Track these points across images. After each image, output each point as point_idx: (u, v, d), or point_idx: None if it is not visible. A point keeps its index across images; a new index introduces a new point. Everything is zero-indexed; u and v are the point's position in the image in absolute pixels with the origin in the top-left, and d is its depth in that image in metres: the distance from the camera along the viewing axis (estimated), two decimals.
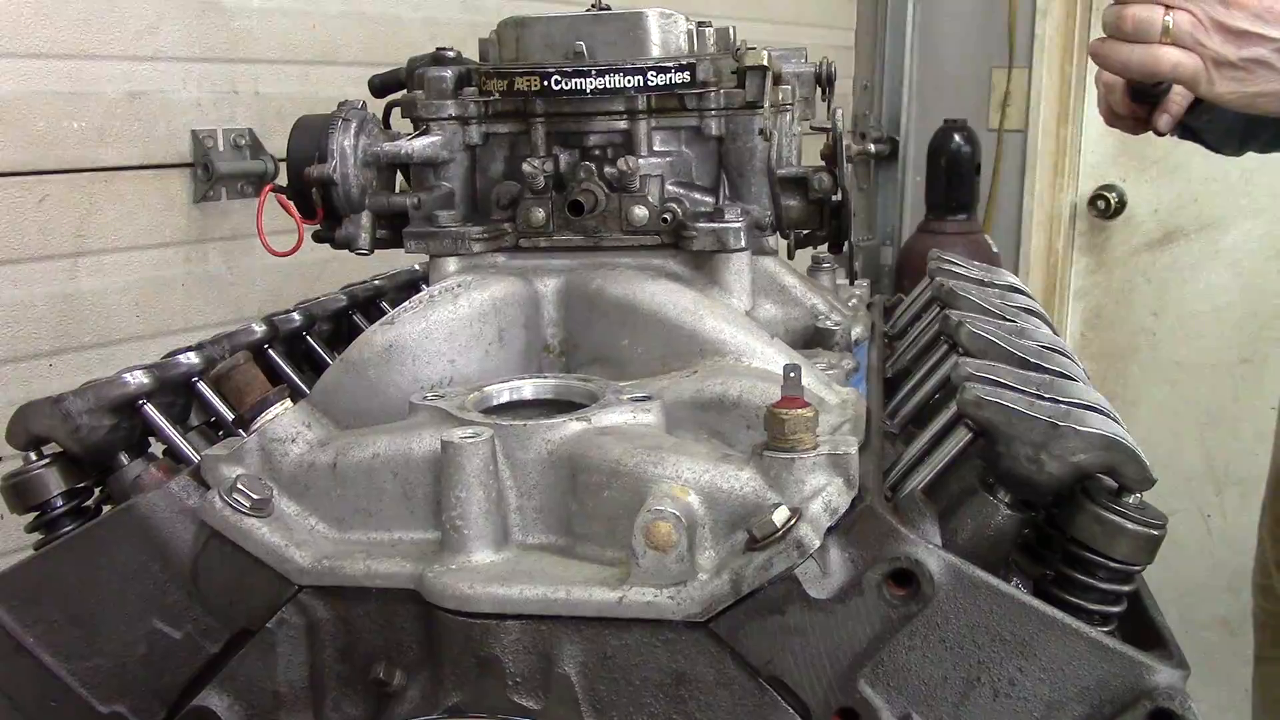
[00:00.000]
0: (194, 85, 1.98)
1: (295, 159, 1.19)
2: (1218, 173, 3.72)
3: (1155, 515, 0.84)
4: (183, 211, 2.00)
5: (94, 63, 1.83)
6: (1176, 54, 1.25)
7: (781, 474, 0.82)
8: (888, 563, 0.79)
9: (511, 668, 0.85)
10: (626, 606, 0.81)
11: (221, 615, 0.92)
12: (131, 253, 1.92)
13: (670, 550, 0.80)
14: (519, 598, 0.83)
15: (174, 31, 1.94)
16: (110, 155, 1.87)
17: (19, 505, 1.04)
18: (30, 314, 1.78)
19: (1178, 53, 1.25)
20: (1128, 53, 1.27)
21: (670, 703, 0.83)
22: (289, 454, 0.94)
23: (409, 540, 0.92)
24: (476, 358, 1.08)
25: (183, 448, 1.06)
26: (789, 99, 1.22)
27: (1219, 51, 1.24)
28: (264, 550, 0.90)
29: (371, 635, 0.90)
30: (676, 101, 1.16)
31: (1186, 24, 1.24)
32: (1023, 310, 1.16)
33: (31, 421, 1.03)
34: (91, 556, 0.94)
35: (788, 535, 0.79)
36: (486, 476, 0.87)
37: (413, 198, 1.19)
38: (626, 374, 1.08)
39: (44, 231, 1.78)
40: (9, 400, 1.68)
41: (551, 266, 1.17)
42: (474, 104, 1.19)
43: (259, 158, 2.06)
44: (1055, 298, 3.98)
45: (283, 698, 0.92)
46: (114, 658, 0.94)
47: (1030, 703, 0.79)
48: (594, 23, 1.17)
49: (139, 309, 1.94)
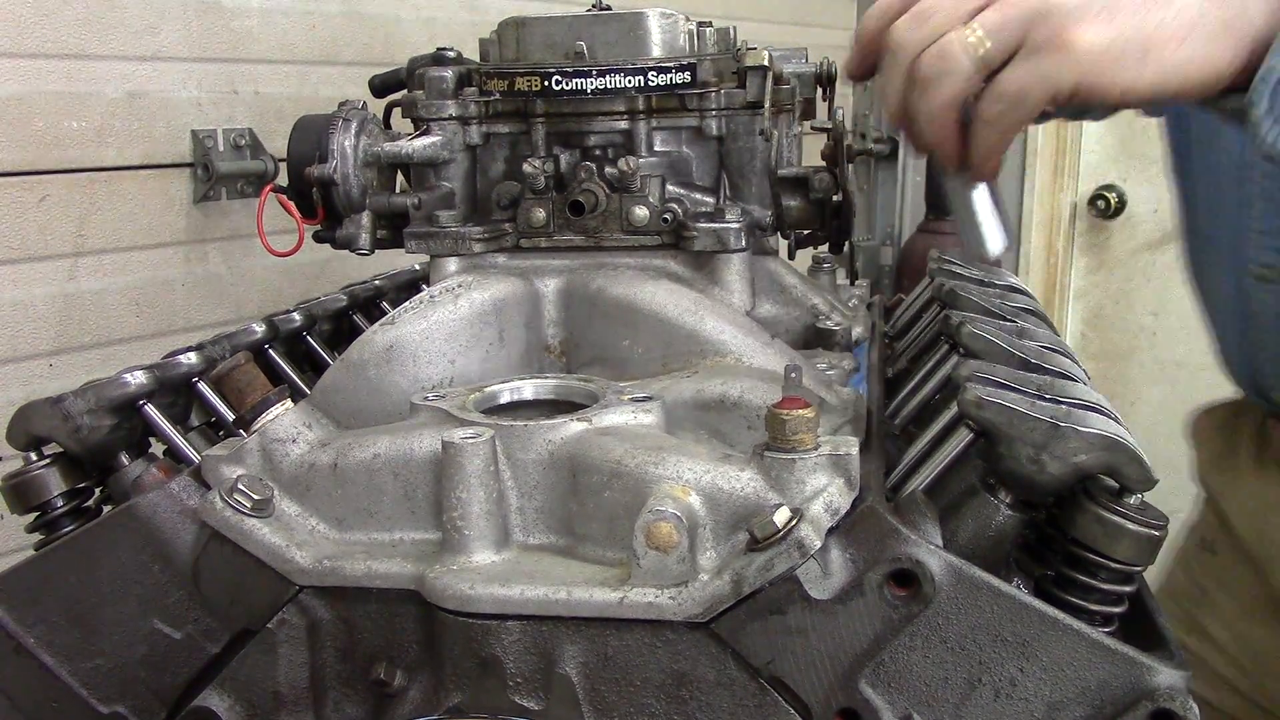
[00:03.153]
0: (194, 85, 1.98)
1: (295, 159, 1.19)
2: None
3: (1156, 516, 0.84)
4: (183, 211, 2.00)
5: (94, 63, 1.83)
6: (1015, 80, 0.82)
7: (782, 474, 0.82)
8: (889, 563, 0.79)
9: (512, 668, 0.85)
10: (627, 607, 0.81)
11: (222, 616, 0.92)
12: (131, 253, 1.92)
13: (671, 551, 0.80)
14: (520, 598, 0.83)
15: (174, 31, 1.94)
16: (110, 155, 1.87)
17: (19, 505, 1.04)
18: (30, 314, 1.78)
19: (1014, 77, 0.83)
20: (930, 131, 0.86)
21: (671, 703, 0.83)
22: (289, 454, 0.94)
23: (410, 540, 0.92)
24: (477, 358, 1.08)
25: (183, 448, 1.06)
26: (789, 99, 1.22)
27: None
28: (265, 551, 0.90)
29: (372, 636, 0.90)
30: (677, 101, 1.16)
31: (994, 20, 0.82)
32: (1023, 310, 1.16)
33: (32, 422, 1.03)
34: (92, 557, 0.93)
35: (789, 536, 0.79)
36: (487, 477, 0.87)
37: (413, 198, 1.19)
38: (627, 374, 1.08)
39: (44, 231, 1.78)
40: (9, 400, 1.68)
41: (552, 267, 1.17)
42: (474, 104, 1.19)
43: (259, 158, 2.06)
44: (1055, 298, 3.98)
45: (283, 698, 0.92)
46: (114, 658, 0.94)
47: (1031, 703, 0.79)
48: (594, 23, 1.17)
49: (139, 309, 1.94)
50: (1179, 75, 0.81)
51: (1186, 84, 0.82)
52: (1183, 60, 0.80)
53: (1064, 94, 0.82)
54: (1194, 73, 0.81)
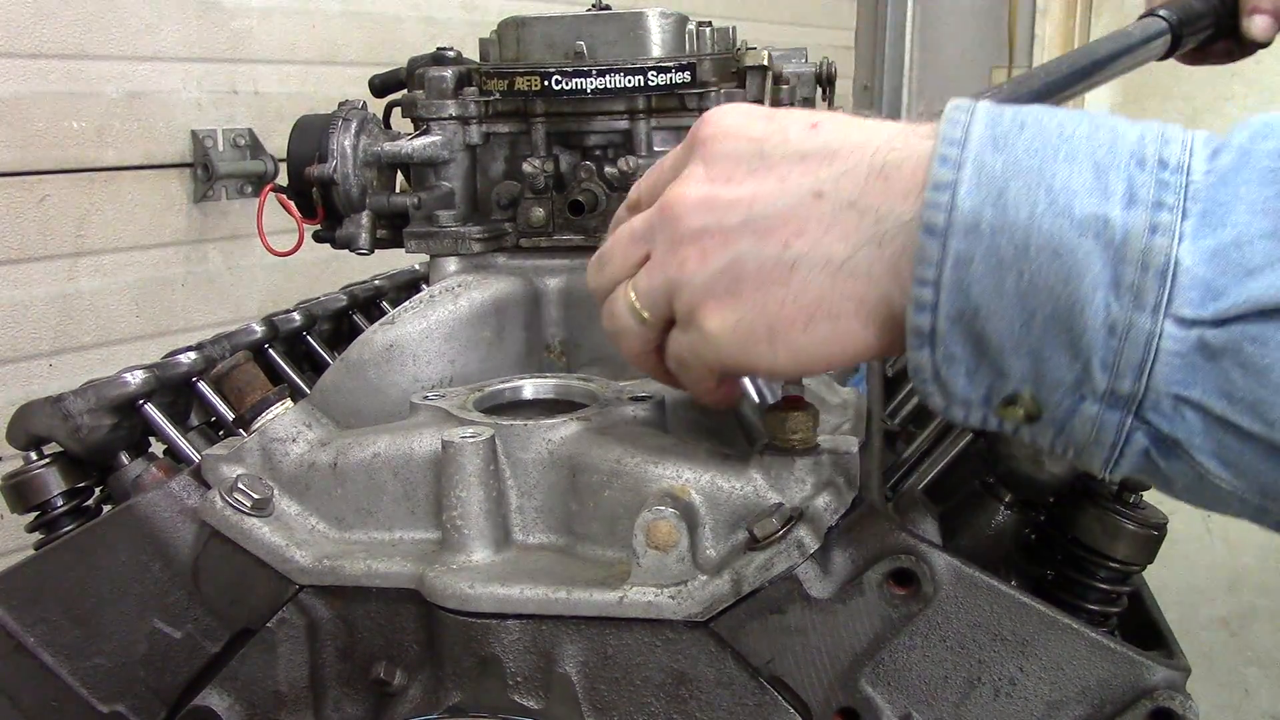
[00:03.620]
0: (194, 85, 1.98)
1: (295, 159, 1.19)
2: None
3: (1156, 515, 0.84)
4: (182, 211, 2.00)
5: (94, 63, 1.83)
6: (675, 348, 0.77)
7: (782, 474, 0.82)
8: (888, 562, 0.79)
9: (512, 667, 0.85)
10: (627, 606, 0.81)
11: (222, 615, 0.92)
12: (131, 253, 1.92)
13: (671, 550, 0.80)
14: (519, 597, 0.83)
15: (174, 31, 1.94)
16: (110, 155, 1.87)
17: (19, 505, 1.04)
18: (30, 314, 1.78)
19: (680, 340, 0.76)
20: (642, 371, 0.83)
21: (671, 702, 0.83)
22: (289, 454, 0.94)
23: (410, 540, 0.92)
24: (477, 357, 1.08)
25: (183, 448, 1.06)
26: (790, 99, 1.22)
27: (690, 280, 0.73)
28: (264, 550, 0.90)
29: (372, 635, 0.90)
30: (677, 101, 1.16)
31: (644, 287, 0.76)
32: None
33: (31, 421, 1.03)
34: (92, 556, 0.94)
35: (788, 535, 0.79)
36: (487, 476, 0.87)
37: (413, 198, 1.19)
38: (627, 374, 1.08)
39: (44, 231, 1.79)
40: (9, 400, 1.68)
41: (552, 266, 1.17)
42: (474, 104, 1.19)
43: (259, 158, 2.06)
44: None
45: (283, 697, 0.92)
46: (114, 657, 0.94)
47: (1031, 702, 0.79)
48: (594, 23, 1.17)
49: (139, 309, 1.94)
50: (814, 356, 0.71)
51: (830, 363, 0.72)
52: (815, 342, 0.70)
53: (719, 367, 0.75)
54: (833, 352, 0.70)
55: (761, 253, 0.70)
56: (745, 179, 0.71)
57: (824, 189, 0.69)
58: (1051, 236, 0.61)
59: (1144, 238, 0.59)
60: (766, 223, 0.70)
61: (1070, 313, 0.61)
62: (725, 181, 0.72)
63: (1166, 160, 0.61)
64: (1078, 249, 0.60)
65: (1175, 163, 0.61)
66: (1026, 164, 0.62)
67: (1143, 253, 0.59)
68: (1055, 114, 0.65)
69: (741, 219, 0.70)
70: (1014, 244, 0.61)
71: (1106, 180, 0.61)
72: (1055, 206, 0.61)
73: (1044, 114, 0.65)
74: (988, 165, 0.63)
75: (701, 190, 0.73)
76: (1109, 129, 0.63)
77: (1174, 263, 0.59)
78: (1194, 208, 0.59)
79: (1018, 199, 0.62)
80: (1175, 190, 0.60)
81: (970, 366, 0.64)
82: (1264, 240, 0.58)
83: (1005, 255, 0.62)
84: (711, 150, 0.74)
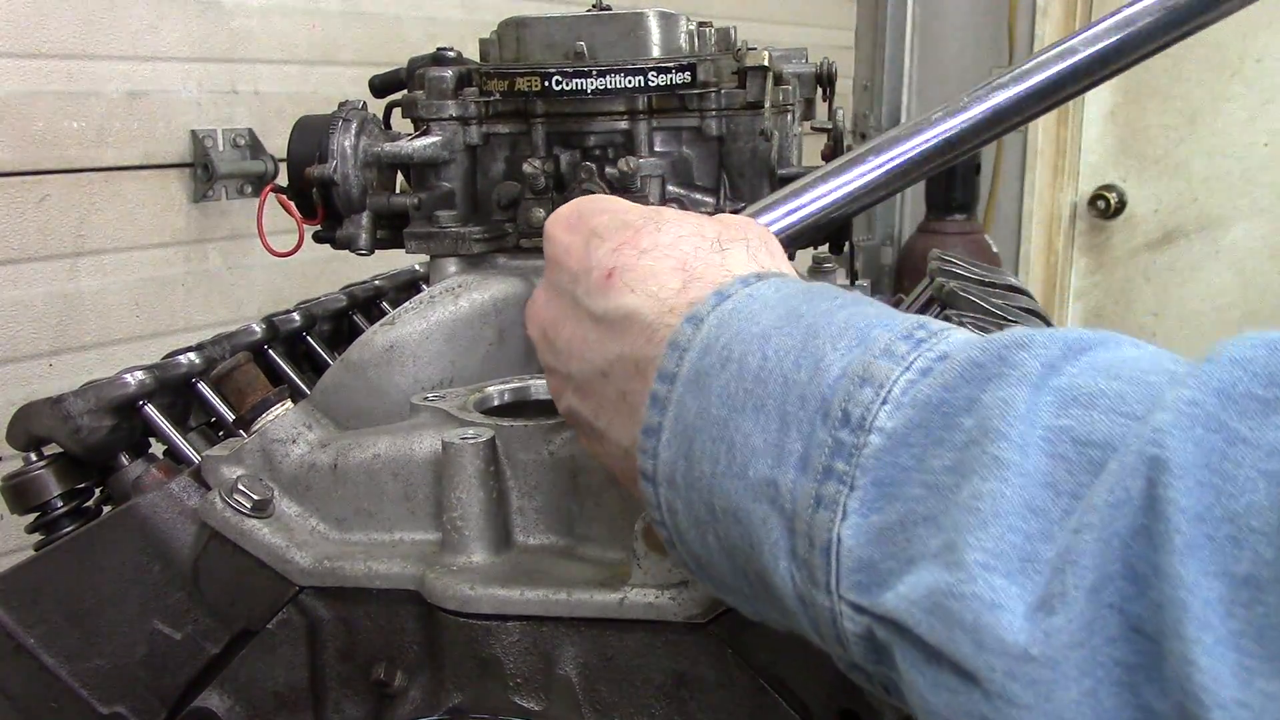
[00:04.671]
0: (194, 85, 1.98)
1: (295, 159, 1.19)
2: (1218, 172, 3.72)
3: None
4: (182, 211, 2.00)
5: (94, 63, 1.83)
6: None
7: None
8: None
9: (512, 668, 0.85)
10: (628, 608, 0.81)
11: (222, 616, 0.92)
12: (131, 252, 1.92)
13: (670, 551, 0.80)
14: (520, 599, 0.83)
15: (174, 31, 1.94)
16: (110, 155, 1.87)
17: (19, 506, 1.04)
18: (30, 314, 1.78)
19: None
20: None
21: (671, 704, 0.83)
22: (290, 455, 0.94)
23: (410, 541, 0.92)
24: (477, 358, 1.08)
25: (183, 448, 1.06)
26: (790, 99, 1.22)
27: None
28: (265, 551, 0.90)
29: (372, 636, 0.90)
30: (677, 102, 1.16)
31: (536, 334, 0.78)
32: (1023, 311, 1.16)
33: (31, 422, 1.03)
34: (92, 557, 0.93)
35: None
36: (487, 477, 0.87)
37: (413, 198, 1.19)
38: None
39: (44, 231, 1.79)
40: (9, 400, 1.68)
41: None
42: (474, 104, 1.19)
43: (259, 158, 2.06)
44: (1055, 298, 3.98)
45: (283, 698, 0.92)
46: (114, 658, 0.94)
47: None
48: (595, 23, 1.17)
49: (139, 309, 1.94)
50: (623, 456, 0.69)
51: (640, 464, 0.64)
52: (616, 441, 0.69)
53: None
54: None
55: (583, 410, 0.72)
56: (565, 322, 0.72)
57: (609, 370, 0.67)
58: (729, 499, 0.56)
59: (809, 510, 0.52)
60: (582, 387, 0.71)
61: (765, 577, 0.56)
62: (553, 322, 0.73)
63: (849, 414, 0.52)
64: (753, 514, 0.55)
65: (858, 418, 0.52)
66: (715, 414, 0.57)
67: (809, 526, 0.52)
68: (777, 333, 0.57)
69: (566, 372, 0.72)
70: (703, 503, 0.58)
71: (786, 438, 0.54)
72: (734, 467, 0.55)
73: (764, 335, 0.57)
74: (686, 411, 0.59)
75: (544, 321, 0.75)
76: (813, 362, 0.54)
77: (836, 540, 0.51)
78: (862, 479, 0.51)
79: (702, 455, 0.57)
80: (847, 455, 0.51)
81: (719, 590, 0.65)
82: (924, 526, 0.48)
83: (699, 513, 0.59)
84: (548, 276, 0.76)
